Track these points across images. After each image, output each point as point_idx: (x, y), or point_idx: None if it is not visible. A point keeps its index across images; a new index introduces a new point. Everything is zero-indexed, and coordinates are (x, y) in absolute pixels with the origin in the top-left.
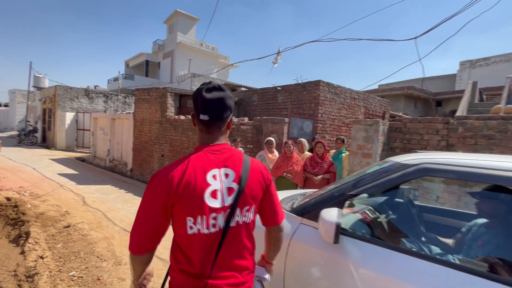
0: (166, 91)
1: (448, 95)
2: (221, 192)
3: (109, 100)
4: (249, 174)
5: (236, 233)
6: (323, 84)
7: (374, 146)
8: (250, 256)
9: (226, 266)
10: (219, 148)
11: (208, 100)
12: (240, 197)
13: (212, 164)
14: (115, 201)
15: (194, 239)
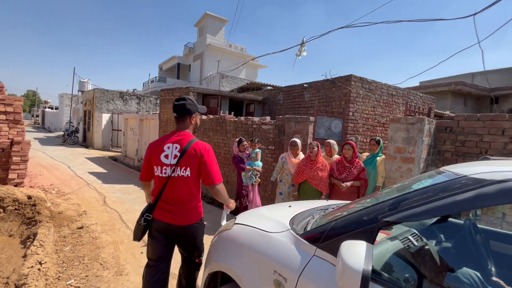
0: (189, 90)
1: (508, 90)
2: (170, 155)
3: (141, 102)
4: (188, 149)
5: (176, 180)
6: (355, 79)
7: (417, 149)
8: (186, 195)
9: (168, 197)
10: (178, 133)
11: (175, 105)
12: (179, 160)
13: (170, 140)
14: (134, 201)
15: (157, 178)
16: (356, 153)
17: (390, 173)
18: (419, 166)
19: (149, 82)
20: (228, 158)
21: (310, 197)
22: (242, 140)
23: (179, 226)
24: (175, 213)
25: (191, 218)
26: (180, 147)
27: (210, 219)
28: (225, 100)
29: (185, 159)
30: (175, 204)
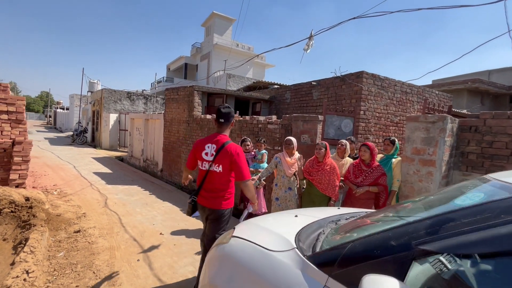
0: (193, 89)
1: None
2: (209, 153)
3: (148, 102)
4: (222, 149)
5: (211, 173)
6: (366, 75)
7: (439, 151)
8: (218, 186)
9: (206, 186)
10: (217, 135)
11: (222, 112)
12: (214, 158)
13: (210, 141)
14: (135, 203)
15: (199, 170)
16: (374, 155)
17: (407, 176)
18: (440, 169)
19: (155, 82)
20: None
21: (317, 203)
22: (245, 139)
23: (208, 209)
24: (207, 198)
25: (217, 203)
26: (216, 147)
27: None
28: (231, 99)
29: (218, 158)
30: (208, 191)
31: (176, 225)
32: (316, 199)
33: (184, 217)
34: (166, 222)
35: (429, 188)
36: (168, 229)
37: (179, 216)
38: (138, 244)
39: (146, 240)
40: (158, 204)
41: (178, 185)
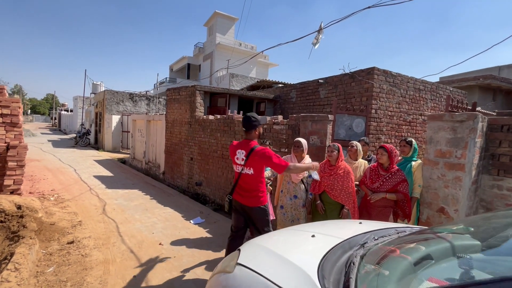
0: (195, 89)
1: None
2: (239, 158)
3: (151, 103)
4: (251, 154)
5: (244, 175)
6: (378, 72)
7: (468, 153)
8: (251, 186)
9: (240, 186)
10: (245, 141)
11: (243, 122)
12: (245, 162)
13: (240, 146)
14: (135, 209)
15: (235, 172)
16: (393, 158)
17: (429, 181)
18: (470, 174)
19: (157, 83)
20: None
21: (328, 211)
22: None
23: (247, 206)
24: (244, 196)
25: (254, 202)
26: (245, 153)
27: (217, 231)
28: (234, 99)
29: (249, 162)
30: (244, 191)
31: (177, 233)
32: (328, 207)
33: (186, 224)
34: (167, 230)
35: (457, 195)
36: (168, 238)
37: (180, 223)
38: (135, 256)
39: (144, 252)
40: (159, 209)
41: (180, 189)
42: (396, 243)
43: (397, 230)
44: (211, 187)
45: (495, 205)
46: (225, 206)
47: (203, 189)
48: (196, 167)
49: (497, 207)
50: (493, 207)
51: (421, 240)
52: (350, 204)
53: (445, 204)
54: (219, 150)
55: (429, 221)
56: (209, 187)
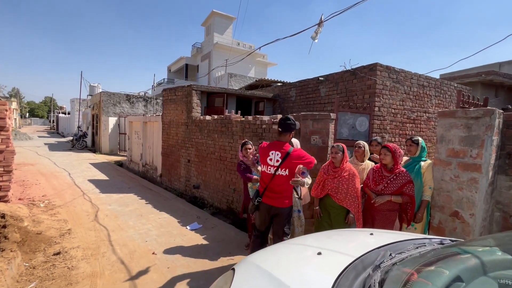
0: (192, 89)
1: None
2: (273, 159)
3: (148, 104)
4: (288, 157)
5: (278, 177)
6: (380, 68)
7: (485, 153)
8: (283, 187)
9: (271, 188)
10: (279, 143)
11: (281, 123)
12: (281, 164)
13: (274, 148)
14: (129, 215)
15: (264, 173)
16: (397, 159)
17: (441, 183)
18: (487, 175)
19: (154, 84)
20: (236, 164)
21: (333, 216)
22: (246, 142)
23: (276, 207)
24: (274, 198)
25: (283, 202)
26: (281, 155)
27: (214, 237)
28: (232, 98)
29: (285, 163)
30: (274, 192)
31: (172, 241)
32: (333, 212)
33: (182, 230)
34: (161, 238)
35: (473, 198)
36: (162, 246)
37: (176, 229)
38: (125, 268)
39: (136, 263)
40: (154, 215)
41: (177, 192)
42: (417, 263)
43: (415, 244)
44: (209, 190)
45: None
46: (250, 208)
47: (200, 192)
48: (194, 170)
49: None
50: (510, 209)
51: (445, 256)
52: (355, 209)
53: (459, 208)
54: (216, 151)
55: (442, 226)
56: (207, 190)
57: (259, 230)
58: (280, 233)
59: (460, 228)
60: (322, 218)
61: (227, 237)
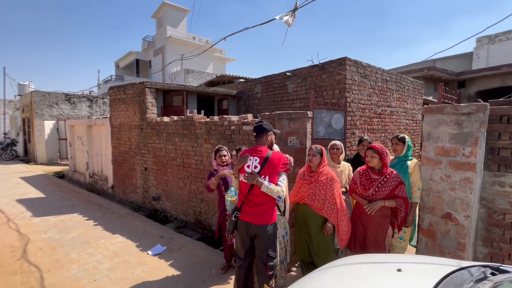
0: (145, 86)
1: (473, 74)
2: (251, 165)
3: (94, 104)
4: (267, 162)
5: (258, 186)
6: (349, 62)
7: (479, 151)
8: (263, 198)
9: (250, 200)
10: (256, 147)
11: (254, 127)
12: (260, 171)
13: (251, 153)
14: (72, 244)
15: (241, 183)
16: (385, 159)
17: (430, 183)
18: (481, 174)
19: (99, 81)
20: (202, 170)
21: (312, 228)
22: (220, 148)
23: (254, 225)
24: (253, 214)
25: (264, 218)
26: (260, 160)
27: (183, 261)
28: (192, 96)
29: (266, 169)
30: (254, 205)
31: (130, 274)
32: (310, 222)
33: (142, 257)
34: (115, 272)
35: (467, 199)
36: (118, 285)
37: (135, 257)
38: None
39: None
40: (105, 240)
41: (134, 205)
42: None
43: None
44: (171, 201)
45: (497, 203)
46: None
47: (162, 204)
48: (152, 179)
49: (499, 205)
50: (495, 205)
51: None
52: (334, 217)
53: (452, 209)
54: (178, 157)
55: (432, 229)
56: (169, 201)
57: (240, 257)
58: (264, 257)
59: (453, 231)
60: (300, 229)
61: (199, 260)
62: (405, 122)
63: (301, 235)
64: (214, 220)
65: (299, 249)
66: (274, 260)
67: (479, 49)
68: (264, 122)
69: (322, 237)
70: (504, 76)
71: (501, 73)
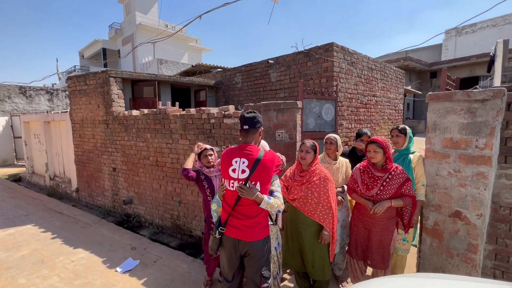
0: (109, 76)
1: (444, 64)
2: (238, 169)
3: (54, 97)
4: (259, 165)
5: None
6: (337, 48)
7: (496, 142)
8: (254, 210)
9: (238, 212)
10: (245, 146)
11: (246, 118)
12: (250, 176)
13: (237, 154)
14: (21, 265)
15: (227, 192)
16: (389, 155)
17: (436, 179)
18: (495, 168)
19: (58, 71)
20: (178, 170)
21: (305, 235)
22: (206, 149)
23: (244, 242)
24: (242, 229)
25: (256, 233)
26: (249, 162)
27: (160, 278)
28: (166, 87)
29: (256, 174)
30: (243, 217)
31: None
32: (302, 228)
33: (109, 276)
34: None
35: (480, 196)
36: None
37: (101, 276)
38: None
39: None
40: (65, 257)
41: (103, 210)
42: None
43: None
44: (145, 205)
45: (503, 197)
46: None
47: (135, 208)
48: (122, 180)
49: (506, 199)
50: (501, 200)
51: None
52: (329, 223)
53: (462, 207)
54: (151, 156)
55: (438, 228)
56: (143, 205)
57: (227, 279)
58: (257, 278)
59: (463, 231)
60: (292, 237)
61: (178, 275)
62: (389, 112)
63: (293, 244)
64: (194, 224)
65: (291, 260)
66: (268, 281)
67: (447, 40)
68: (257, 113)
69: (317, 246)
70: (472, 66)
71: (470, 63)
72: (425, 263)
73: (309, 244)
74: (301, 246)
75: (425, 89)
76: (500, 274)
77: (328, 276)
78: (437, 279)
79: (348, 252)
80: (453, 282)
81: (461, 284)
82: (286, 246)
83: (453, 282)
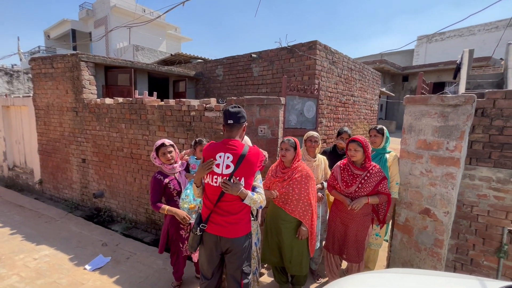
0: (79, 59)
1: (416, 69)
2: (222, 165)
3: (15, 80)
4: (244, 160)
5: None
6: (320, 46)
7: (464, 145)
8: (238, 206)
9: (221, 208)
10: (230, 142)
11: (230, 112)
12: (234, 172)
13: (221, 149)
14: None
15: (208, 187)
16: (369, 154)
17: (409, 178)
18: (462, 170)
19: (19, 51)
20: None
21: (285, 233)
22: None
23: (226, 238)
24: (225, 225)
25: (238, 229)
26: (234, 158)
27: (132, 276)
28: (142, 75)
29: (241, 170)
30: (226, 214)
31: None
32: (282, 225)
33: (77, 275)
34: None
35: (448, 195)
36: None
37: (67, 275)
38: None
39: None
40: (26, 254)
41: (70, 203)
42: None
43: None
44: (118, 199)
45: (466, 196)
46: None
47: (106, 201)
48: (93, 172)
49: (468, 198)
50: (464, 198)
51: None
52: (308, 220)
53: (431, 205)
54: (125, 147)
55: (409, 224)
56: (115, 199)
57: (206, 276)
58: (238, 274)
59: (431, 227)
60: (271, 233)
61: (153, 272)
62: (365, 112)
63: (272, 239)
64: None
65: (269, 255)
66: (249, 277)
67: (419, 47)
68: (241, 108)
69: (296, 242)
70: (440, 72)
71: (438, 69)
72: (395, 256)
73: (288, 240)
74: (280, 242)
75: (397, 92)
76: (460, 266)
77: (305, 271)
78: (407, 274)
79: (325, 247)
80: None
81: (430, 279)
82: (265, 241)
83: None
